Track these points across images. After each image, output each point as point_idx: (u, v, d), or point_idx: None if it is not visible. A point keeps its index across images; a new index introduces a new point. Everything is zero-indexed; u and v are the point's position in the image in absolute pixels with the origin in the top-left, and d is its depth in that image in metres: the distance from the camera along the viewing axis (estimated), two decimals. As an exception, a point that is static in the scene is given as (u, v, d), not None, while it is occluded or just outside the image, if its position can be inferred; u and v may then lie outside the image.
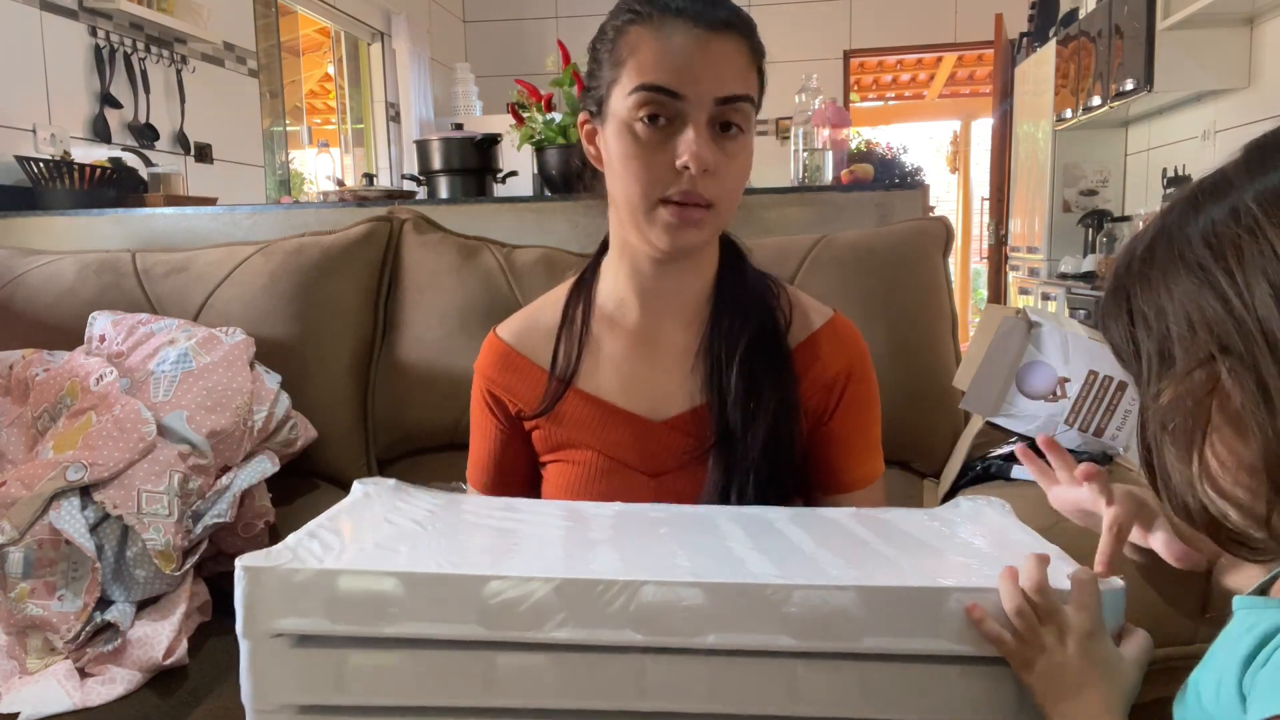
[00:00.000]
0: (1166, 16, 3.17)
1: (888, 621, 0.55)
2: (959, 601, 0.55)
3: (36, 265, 1.60)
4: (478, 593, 0.55)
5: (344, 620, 0.56)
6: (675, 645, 0.55)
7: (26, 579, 1.11)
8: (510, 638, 0.55)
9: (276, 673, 0.57)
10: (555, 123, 1.86)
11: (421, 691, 0.56)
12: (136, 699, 1.07)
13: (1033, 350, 1.17)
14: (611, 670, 0.56)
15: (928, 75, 8.44)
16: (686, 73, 0.81)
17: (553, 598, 0.55)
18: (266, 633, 0.56)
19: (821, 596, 0.55)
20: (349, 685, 0.56)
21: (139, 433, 1.21)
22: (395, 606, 0.55)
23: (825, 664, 0.56)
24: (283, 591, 0.56)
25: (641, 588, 0.55)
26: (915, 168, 5.60)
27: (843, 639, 0.55)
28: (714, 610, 0.55)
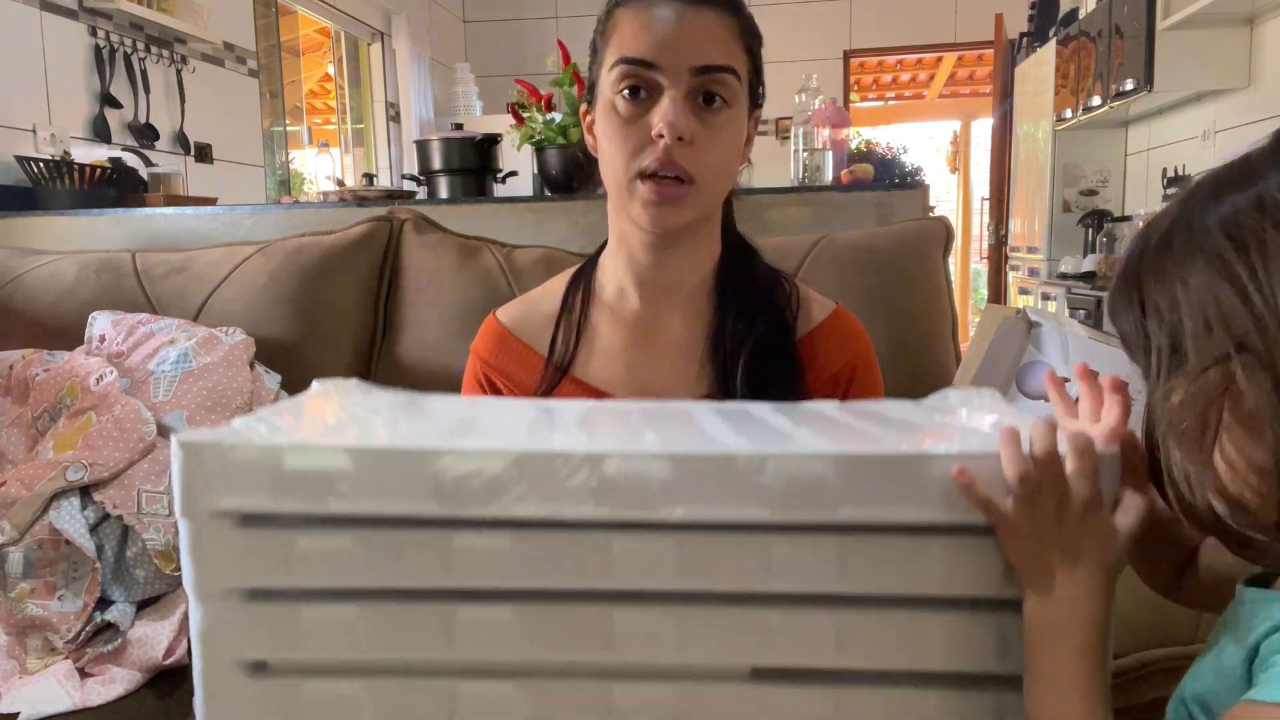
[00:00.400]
0: (1166, 16, 3.17)
1: (867, 490, 0.52)
2: (944, 468, 0.52)
3: (36, 265, 1.60)
4: (431, 467, 0.52)
5: (290, 498, 0.52)
6: (642, 520, 0.52)
7: (26, 579, 1.11)
8: (466, 514, 0.52)
9: (219, 555, 0.53)
10: (555, 123, 1.86)
11: (374, 573, 0.53)
12: (136, 699, 1.08)
13: (1033, 350, 1.17)
14: (575, 548, 0.53)
15: (928, 75, 8.44)
16: (663, 43, 0.81)
17: (511, 471, 0.52)
18: (208, 512, 0.53)
19: (796, 465, 0.52)
20: (297, 567, 0.53)
21: (139, 433, 1.21)
22: (344, 482, 0.52)
23: (801, 538, 0.53)
24: (224, 468, 0.52)
25: (605, 460, 0.52)
26: (915, 168, 5.61)
27: (819, 510, 0.52)
28: (682, 482, 0.52)
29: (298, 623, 0.54)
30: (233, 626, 0.54)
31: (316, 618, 0.54)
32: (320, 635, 0.54)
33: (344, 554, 0.53)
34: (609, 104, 0.84)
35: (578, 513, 0.52)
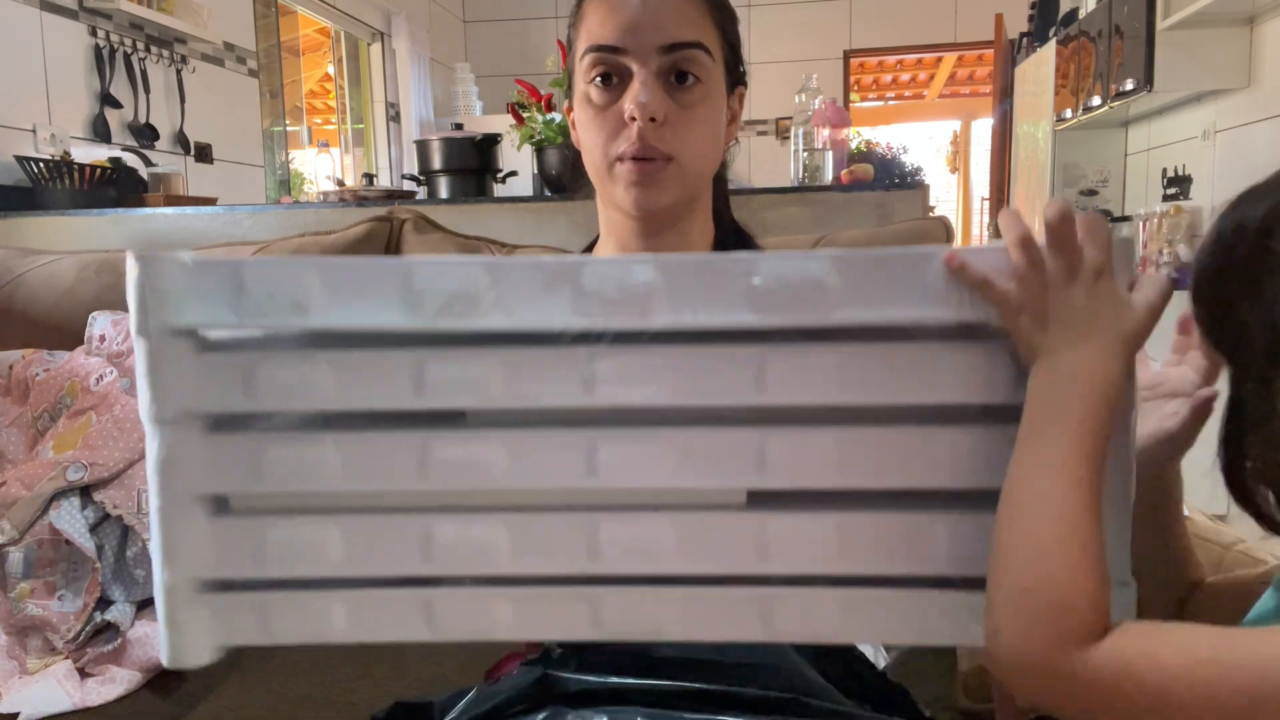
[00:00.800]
0: (1166, 16, 3.17)
1: (865, 290, 0.48)
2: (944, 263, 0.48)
3: (36, 265, 1.60)
4: (403, 278, 0.48)
5: (254, 315, 0.49)
6: (624, 328, 0.48)
7: (26, 579, 1.11)
8: (439, 327, 0.49)
9: (178, 377, 0.49)
10: (555, 123, 1.86)
11: (345, 395, 0.49)
12: (136, 699, 1.07)
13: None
14: (554, 362, 0.49)
15: (928, 75, 8.44)
16: (629, 26, 0.80)
17: (484, 278, 0.48)
18: (164, 329, 0.49)
19: (790, 266, 0.48)
20: (261, 390, 0.49)
21: (139, 433, 1.20)
22: (312, 297, 0.48)
23: (796, 347, 0.49)
24: (184, 282, 0.49)
25: (584, 266, 0.48)
26: (915, 168, 5.62)
27: (814, 312, 0.48)
28: (667, 286, 0.48)
29: (263, 455, 0.50)
30: (194, 458, 0.50)
31: (281, 449, 0.50)
32: (286, 468, 0.50)
33: (309, 376, 0.49)
34: (583, 94, 0.84)
35: (555, 322, 0.48)
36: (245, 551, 0.51)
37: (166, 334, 0.49)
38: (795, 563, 0.50)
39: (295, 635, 0.52)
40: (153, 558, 0.52)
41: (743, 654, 0.66)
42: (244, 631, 0.52)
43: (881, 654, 1.08)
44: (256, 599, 0.52)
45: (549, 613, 0.51)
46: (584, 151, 0.87)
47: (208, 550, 0.51)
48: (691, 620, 0.51)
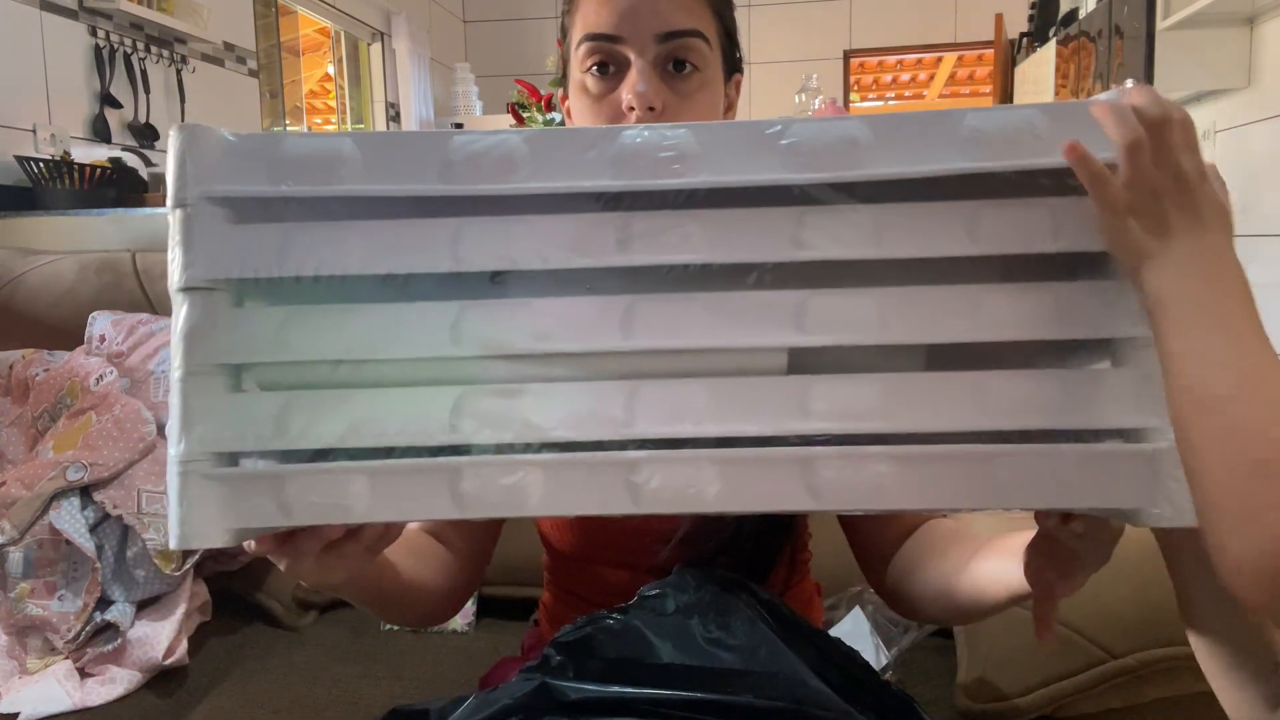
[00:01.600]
0: (1166, 16, 3.17)
1: (899, 146, 0.48)
2: (977, 119, 0.48)
3: (36, 265, 1.60)
4: (441, 146, 0.49)
5: (288, 180, 0.49)
6: (660, 187, 0.49)
7: (26, 579, 1.11)
8: (475, 191, 0.49)
9: (211, 245, 0.49)
10: (555, 123, 1.86)
11: (375, 258, 0.49)
12: (136, 699, 1.08)
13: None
14: (590, 224, 0.49)
15: (928, 75, 8.44)
16: (625, 14, 0.78)
17: (523, 147, 0.49)
18: (201, 196, 0.49)
19: (822, 128, 0.48)
20: (291, 256, 0.49)
21: (139, 433, 1.21)
22: (346, 165, 0.49)
23: (830, 208, 0.49)
24: (221, 153, 0.49)
25: (622, 133, 0.49)
26: (915, 168, 5.61)
27: (847, 168, 0.48)
28: (703, 148, 0.48)
29: (288, 325, 0.50)
30: (217, 328, 0.50)
31: (310, 319, 0.50)
32: (312, 338, 0.50)
33: (342, 243, 0.49)
34: (579, 83, 0.82)
35: (592, 185, 0.49)
36: (265, 423, 0.50)
37: (203, 202, 0.49)
38: (840, 421, 0.49)
39: (312, 515, 0.50)
40: (169, 432, 0.50)
41: (741, 662, 0.66)
42: (259, 512, 0.50)
43: (882, 653, 1.08)
44: (273, 474, 0.50)
45: (584, 484, 0.49)
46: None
47: (226, 422, 0.50)
48: (733, 488, 0.49)
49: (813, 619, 0.87)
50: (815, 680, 0.69)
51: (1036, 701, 0.97)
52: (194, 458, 0.49)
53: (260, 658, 1.18)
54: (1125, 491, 0.48)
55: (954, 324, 0.49)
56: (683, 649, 0.67)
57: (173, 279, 0.50)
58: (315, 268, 0.49)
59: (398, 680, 1.13)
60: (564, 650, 0.69)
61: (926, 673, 1.08)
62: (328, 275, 0.49)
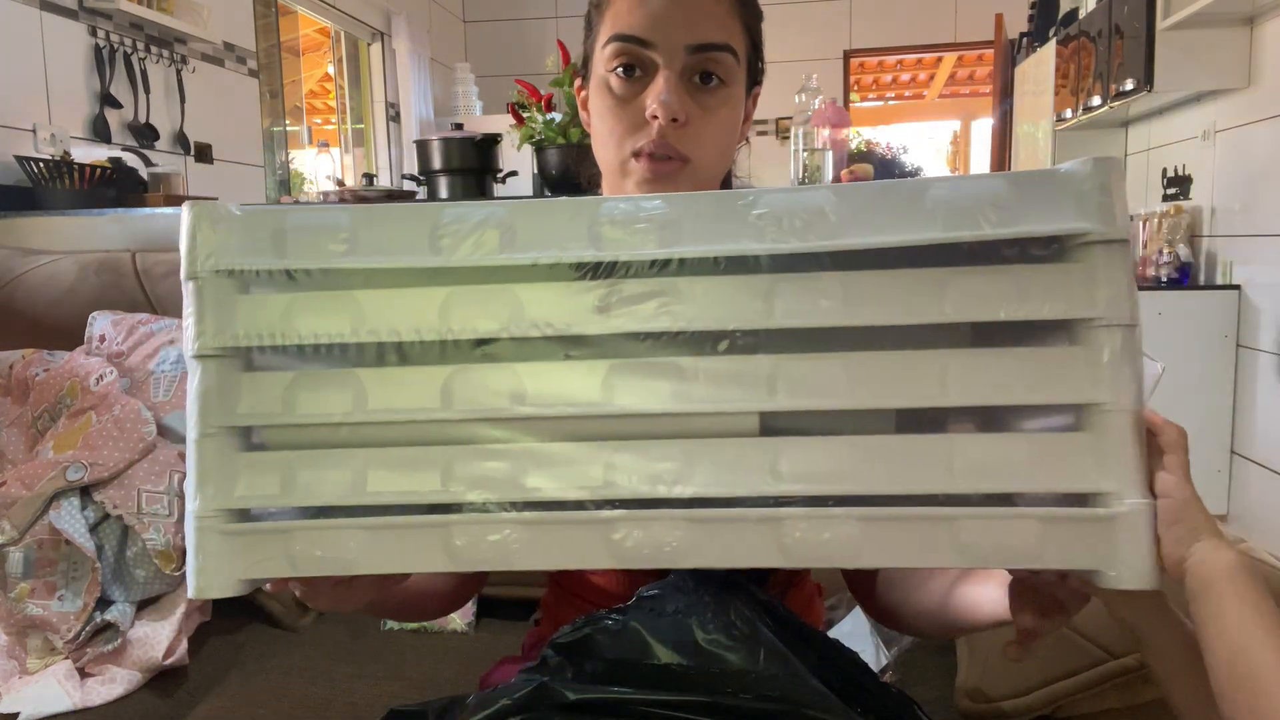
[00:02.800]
0: (1166, 16, 3.17)
1: (866, 216, 0.50)
2: (943, 188, 0.50)
3: (36, 265, 1.60)
4: (431, 221, 0.52)
5: (291, 254, 0.52)
6: (638, 258, 0.51)
7: (26, 579, 1.11)
8: (463, 263, 0.52)
9: (219, 314, 0.53)
10: (555, 123, 1.86)
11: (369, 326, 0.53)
12: (136, 699, 1.08)
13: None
14: (571, 292, 0.52)
15: (928, 75, 8.44)
16: (657, 20, 0.78)
17: (506, 220, 0.52)
18: (210, 269, 0.53)
19: (792, 199, 0.50)
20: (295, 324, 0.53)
21: (139, 433, 1.21)
22: (345, 237, 0.52)
23: (803, 277, 0.51)
24: (229, 229, 0.53)
25: (601, 205, 0.51)
26: (915, 168, 5.61)
27: (817, 238, 0.50)
28: (679, 220, 0.51)
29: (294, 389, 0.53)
30: (229, 393, 0.53)
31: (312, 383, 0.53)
32: (315, 402, 0.53)
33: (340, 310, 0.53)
34: (603, 81, 0.82)
35: (575, 255, 0.51)
36: (272, 482, 0.53)
37: (212, 275, 0.53)
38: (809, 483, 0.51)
39: (316, 566, 0.53)
40: (186, 489, 0.54)
41: (740, 663, 0.66)
42: (268, 564, 0.53)
43: (882, 654, 1.08)
44: (280, 529, 0.53)
45: (565, 541, 0.52)
46: (596, 138, 0.85)
47: (237, 481, 0.53)
48: (707, 546, 0.52)
49: (813, 620, 0.87)
50: (815, 681, 0.69)
51: (1036, 701, 0.97)
52: (208, 514, 0.53)
53: (260, 658, 1.18)
54: (1083, 554, 0.50)
55: (921, 389, 0.51)
56: (681, 650, 0.67)
57: (187, 347, 0.54)
58: (316, 336, 0.53)
59: (397, 680, 1.13)
60: (562, 651, 0.69)
61: (926, 673, 1.08)
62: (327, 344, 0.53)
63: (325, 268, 0.53)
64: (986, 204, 0.50)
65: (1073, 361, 0.50)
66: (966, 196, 0.50)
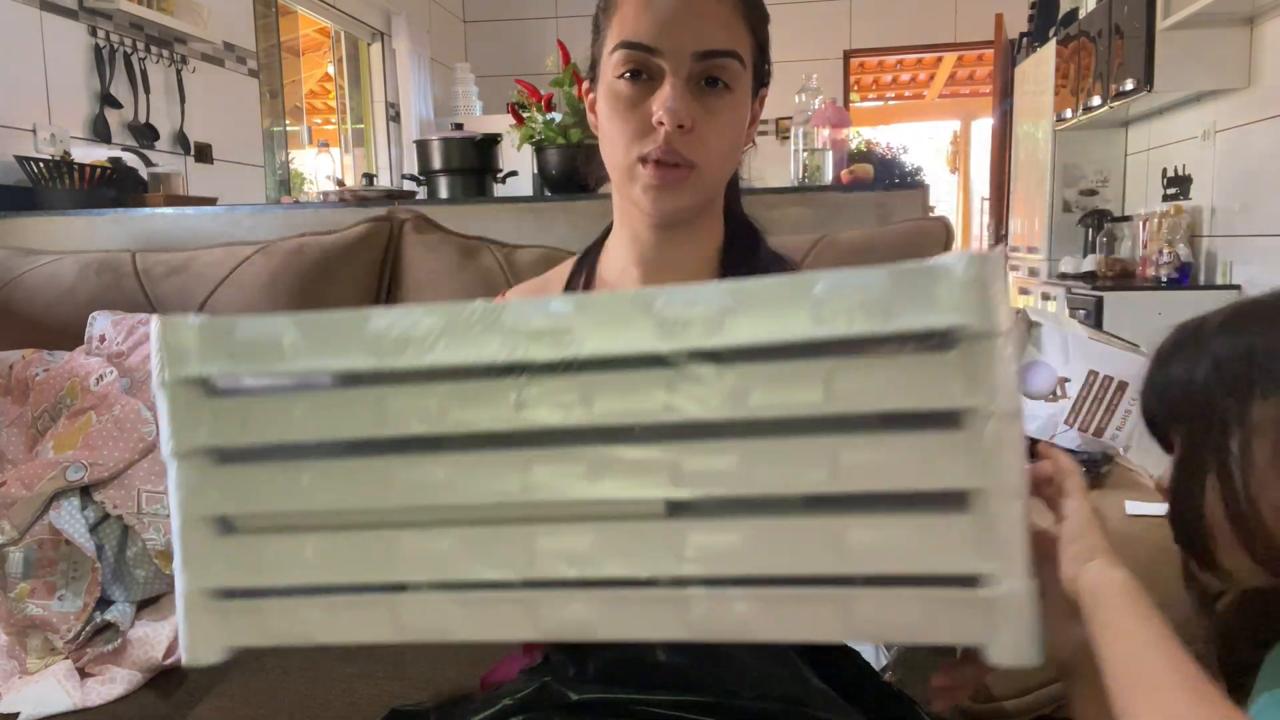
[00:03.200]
0: (1166, 16, 3.17)
1: (753, 312, 0.53)
2: (825, 285, 0.52)
3: (36, 265, 1.60)
4: (363, 326, 0.57)
5: (243, 360, 0.58)
6: (546, 360, 0.55)
7: (26, 579, 1.11)
8: (393, 366, 0.56)
9: (190, 418, 0.59)
10: (555, 123, 1.86)
11: (318, 426, 0.58)
12: (136, 699, 1.07)
13: (1033, 350, 1.17)
14: (492, 394, 0.56)
15: (928, 75, 8.44)
16: (664, 27, 0.79)
17: (433, 326, 0.56)
18: (178, 379, 0.59)
19: (691, 297, 0.54)
20: (252, 425, 0.58)
21: (139, 433, 1.21)
22: (288, 345, 0.57)
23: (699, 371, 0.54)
24: (190, 339, 0.58)
25: (505, 309, 0.55)
26: (915, 168, 5.61)
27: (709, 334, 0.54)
28: (584, 320, 0.55)
29: (257, 481, 0.59)
30: (203, 486, 0.59)
31: (272, 476, 0.59)
32: (275, 492, 0.59)
33: (293, 411, 0.58)
34: (610, 86, 0.83)
35: (489, 356, 0.55)
36: (245, 564, 0.60)
37: (180, 383, 0.59)
38: (710, 565, 0.55)
39: (286, 637, 0.59)
40: (175, 570, 0.60)
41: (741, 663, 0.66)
42: (246, 633, 0.60)
43: (882, 653, 1.08)
44: (254, 605, 0.60)
45: (494, 616, 0.57)
46: (604, 142, 0.86)
47: (216, 563, 0.60)
48: (617, 622, 0.56)
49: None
50: (815, 680, 0.69)
51: (1036, 701, 0.97)
52: (192, 591, 0.60)
53: (260, 658, 1.18)
54: (967, 630, 0.53)
55: (814, 476, 0.54)
56: (682, 650, 0.67)
57: (163, 447, 0.60)
58: (268, 435, 0.59)
59: (398, 680, 1.13)
60: (564, 651, 0.69)
61: (927, 673, 1.08)
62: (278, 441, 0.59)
63: (272, 372, 0.58)
64: (870, 299, 0.53)
65: (955, 448, 0.53)
66: (849, 292, 0.53)
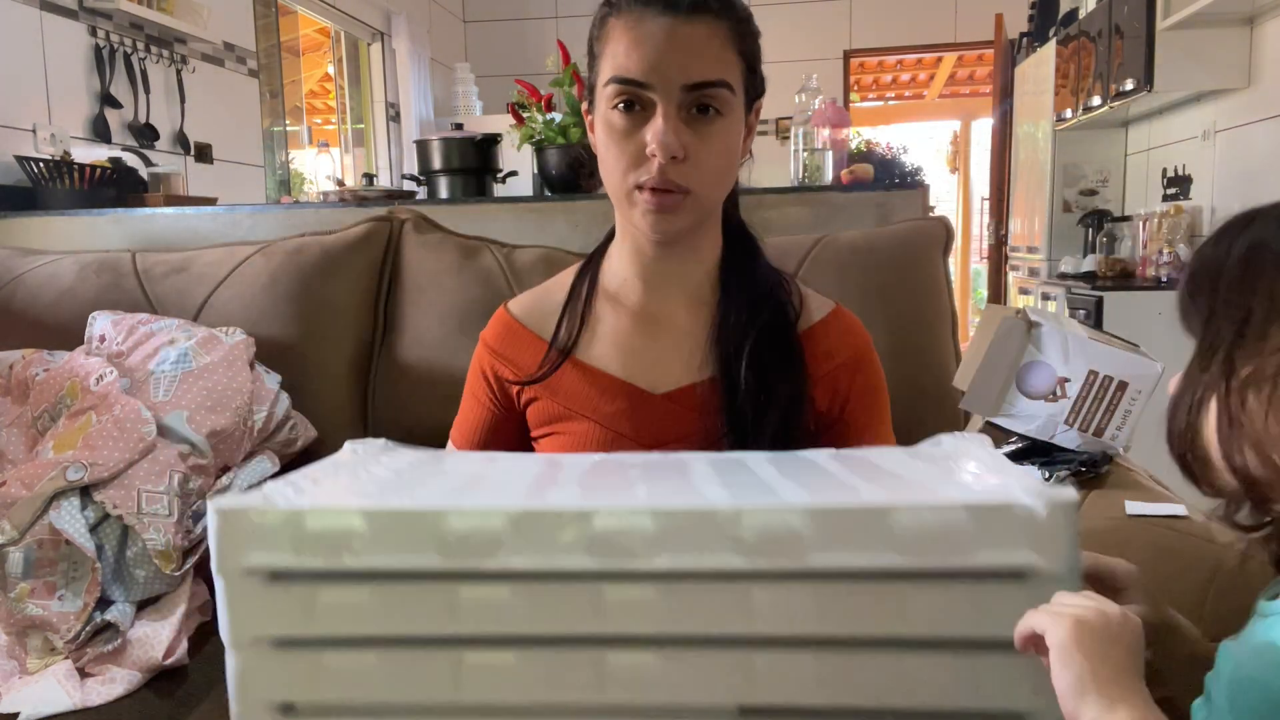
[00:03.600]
0: (1166, 16, 3.17)
1: (836, 539, 0.55)
2: (906, 518, 0.55)
3: (36, 265, 1.60)
4: (436, 525, 0.57)
5: (310, 555, 0.58)
6: (628, 570, 0.56)
7: (26, 579, 1.11)
8: (468, 567, 0.57)
9: (250, 608, 0.59)
10: (555, 123, 1.86)
11: (387, 622, 0.58)
12: (136, 699, 1.07)
13: (1033, 350, 1.17)
14: (568, 596, 0.57)
15: (928, 75, 8.44)
16: (653, 61, 0.81)
17: (508, 528, 0.56)
18: (239, 570, 0.58)
19: (769, 518, 0.55)
20: (318, 618, 0.58)
21: (139, 433, 1.21)
22: (358, 541, 0.57)
23: (778, 584, 0.56)
24: (252, 530, 0.58)
25: (593, 516, 0.56)
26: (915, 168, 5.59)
27: (791, 558, 0.55)
28: (664, 534, 0.56)
29: (321, 668, 0.59)
30: (264, 672, 0.59)
31: (337, 664, 0.59)
32: (341, 680, 0.59)
33: (359, 605, 0.58)
34: (605, 116, 0.86)
35: (570, 564, 0.56)
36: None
37: (240, 573, 0.58)
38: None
39: None
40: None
41: None
42: None
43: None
44: None
45: None
46: (603, 166, 0.89)
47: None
48: None
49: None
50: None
51: None
52: None
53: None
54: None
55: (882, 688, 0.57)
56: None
57: (223, 633, 0.59)
58: (335, 628, 0.58)
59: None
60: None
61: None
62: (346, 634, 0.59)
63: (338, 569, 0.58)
64: (949, 533, 0.55)
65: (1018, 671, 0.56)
66: (929, 526, 0.55)
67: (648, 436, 0.92)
